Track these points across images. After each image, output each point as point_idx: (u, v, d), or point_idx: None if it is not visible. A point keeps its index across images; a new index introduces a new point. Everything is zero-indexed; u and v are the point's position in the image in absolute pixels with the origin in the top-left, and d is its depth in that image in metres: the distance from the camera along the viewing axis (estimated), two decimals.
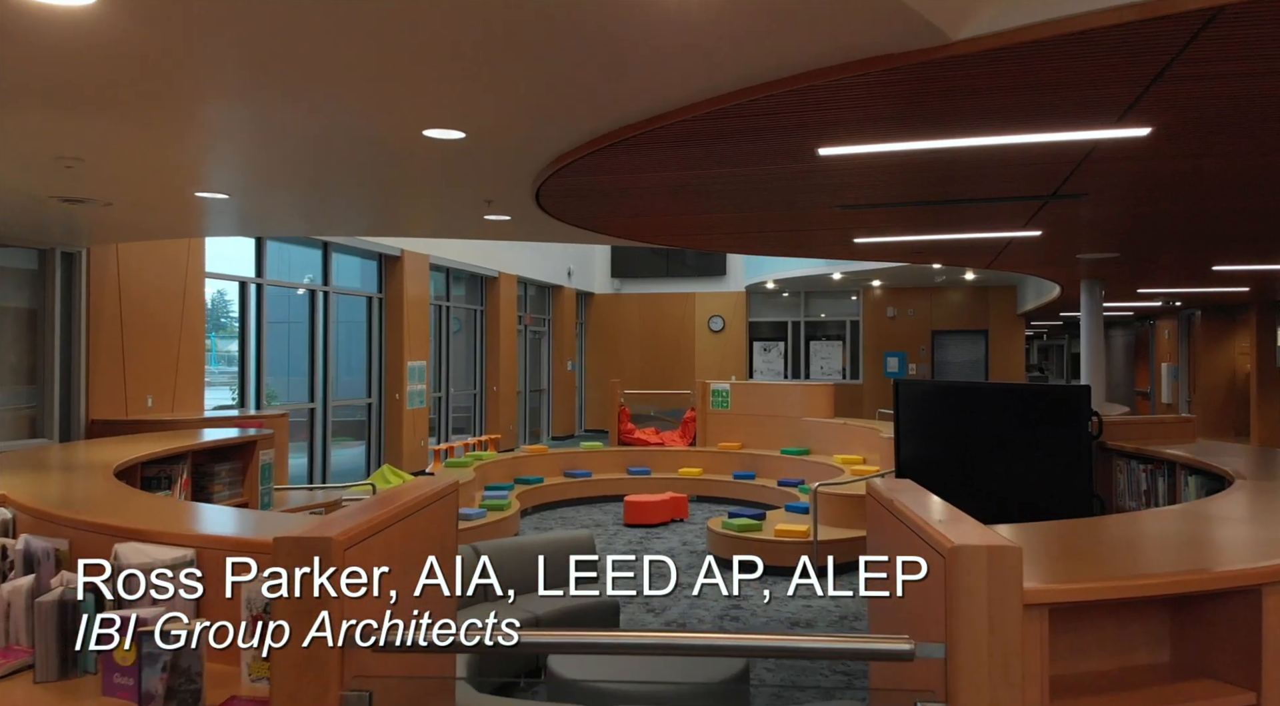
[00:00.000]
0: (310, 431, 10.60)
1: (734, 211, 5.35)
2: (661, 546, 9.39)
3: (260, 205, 5.54)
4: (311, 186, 4.91)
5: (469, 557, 5.98)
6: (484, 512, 9.23)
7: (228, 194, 5.04)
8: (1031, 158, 3.87)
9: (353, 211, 6.07)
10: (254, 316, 9.58)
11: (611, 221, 5.77)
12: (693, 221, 5.77)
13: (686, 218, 5.60)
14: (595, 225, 5.89)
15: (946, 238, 6.26)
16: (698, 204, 5.05)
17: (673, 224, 5.86)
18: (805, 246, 7.09)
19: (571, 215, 5.50)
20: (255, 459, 5.81)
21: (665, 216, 5.52)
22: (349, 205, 5.79)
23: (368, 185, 4.95)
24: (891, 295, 18.62)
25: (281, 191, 5.11)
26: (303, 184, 4.88)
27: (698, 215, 5.49)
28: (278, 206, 5.64)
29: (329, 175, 4.66)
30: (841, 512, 8.76)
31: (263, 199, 5.33)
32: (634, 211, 5.33)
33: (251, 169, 4.51)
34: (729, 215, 5.50)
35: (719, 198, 4.88)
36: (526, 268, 16.46)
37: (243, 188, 4.88)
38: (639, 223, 5.81)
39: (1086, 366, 9.74)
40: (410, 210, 5.93)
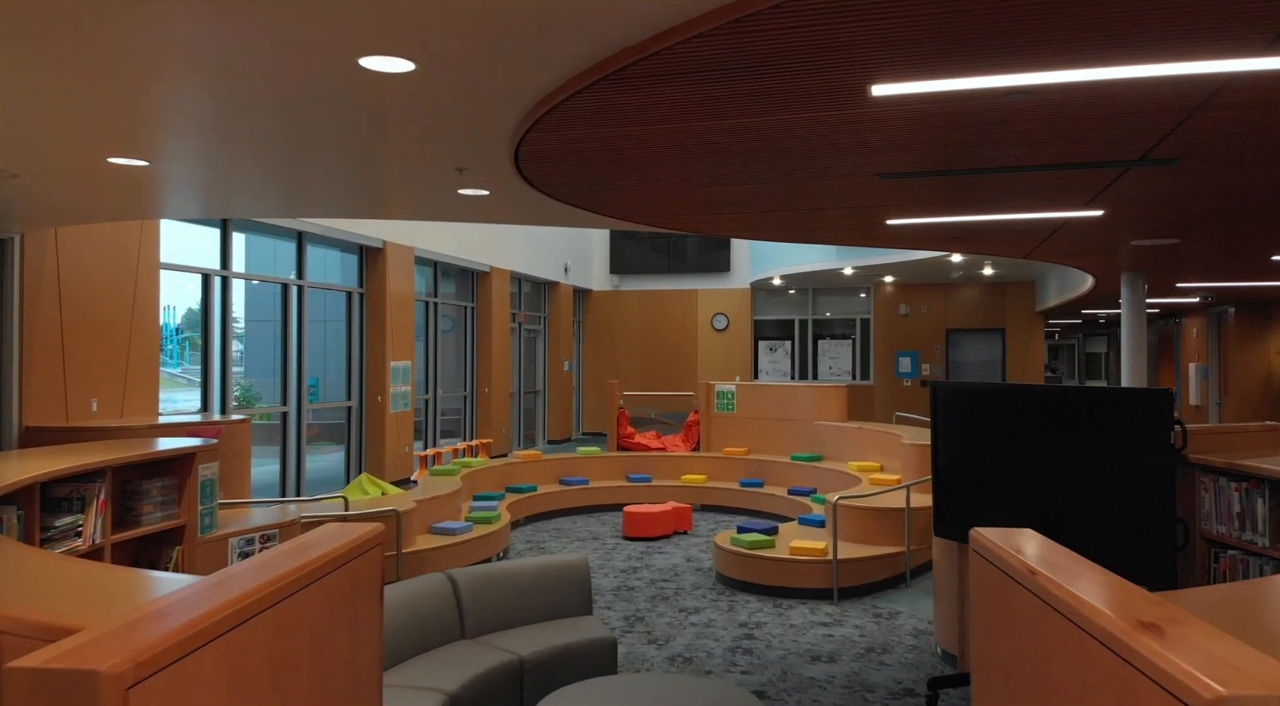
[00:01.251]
0: (283, 437, 9.79)
1: (749, 183, 4.53)
2: (663, 563, 8.59)
3: (190, 175, 4.73)
4: (245, 147, 4.09)
5: (442, 589, 5.16)
6: (470, 526, 8.43)
7: (146, 160, 4.23)
8: (1135, 101, 3.06)
9: (304, 187, 5.26)
10: (218, 312, 8.76)
11: (604, 196, 4.95)
12: (698, 197, 4.96)
13: (691, 192, 4.78)
14: (586, 200, 5.07)
15: (991, 219, 5.46)
16: (705, 172, 4.24)
17: (675, 200, 5.05)
18: (825, 230, 6.27)
19: (558, 186, 4.67)
20: (193, 474, 4.99)
21: (666, 189, 4.70)
22: (295, 178, 4.97)
23: (309, 148, 4.14)
24: (904, 292, 17.80)
25: (211, 157, 4.30)
26: (235, 146, 4.07)
27: (705, 188, 4.67)
28: (214, 178, 4.82)
29: (262, 132, 3.84)
30: (862, 527, 7.96)
31: (190, 167, 4.51)
32: (630, 182, 4.51)
33: (165, 124, 3.70)
34: (742, 188, 4.67)
35: (731, 164, 4.07)
36: (520, 263, 15.65)
37: (162, 151, 4.07)
38: (635, 198, 4.99)
39: (1128, 366, 8.94)
40: (369, 184, 5.11)
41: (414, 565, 7.66)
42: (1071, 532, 4.86)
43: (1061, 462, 4.90)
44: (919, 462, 9.00)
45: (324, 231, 10.09)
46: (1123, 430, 4.56)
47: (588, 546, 9.26)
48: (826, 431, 11.56)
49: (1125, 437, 4.55)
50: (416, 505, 8.09)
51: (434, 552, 7.85)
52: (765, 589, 7.49)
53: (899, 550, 7.77)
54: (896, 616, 6.97)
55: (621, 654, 6.03)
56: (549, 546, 9.28)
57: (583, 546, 9.27)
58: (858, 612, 7.04)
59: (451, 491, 8.90)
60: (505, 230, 14.99)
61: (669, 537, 9.72)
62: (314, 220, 9.90)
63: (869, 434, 10.89)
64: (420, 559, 7.72)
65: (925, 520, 8.12)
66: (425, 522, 8.38)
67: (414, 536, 7.91)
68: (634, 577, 8.03)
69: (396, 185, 5.08)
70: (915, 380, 17.71)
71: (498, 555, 8.59)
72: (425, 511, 8.38)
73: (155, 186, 5.03)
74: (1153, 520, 4.42)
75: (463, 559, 8.10)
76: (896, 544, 7.86)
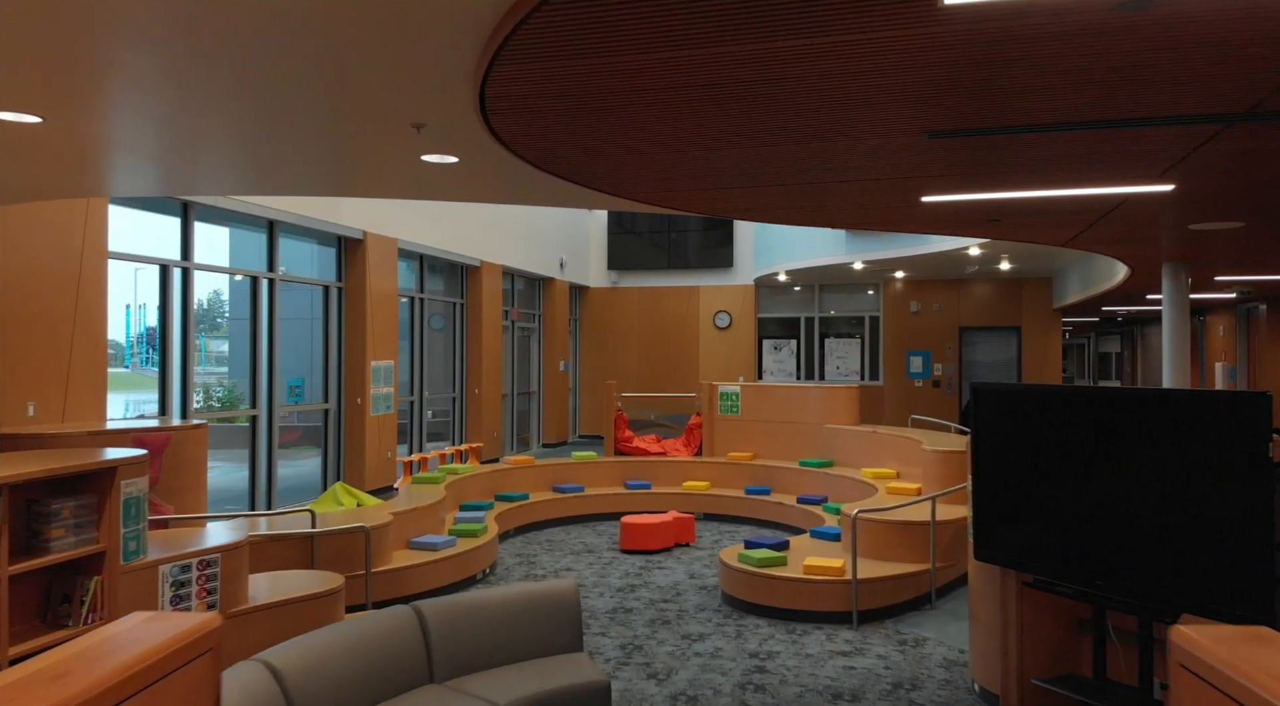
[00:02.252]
0: (251, 442, 9.06)
1: (756, 145, 3.80)
2: (664, 579, 7.86)
3: (90, 129, 3.98)
4: (154, 101, 3.37)
5: (407, 625, 4.43)
6: (453, 540, 7.71)
7: (40, 115, 3.51)
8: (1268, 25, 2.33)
9: (265, 158, 4.53)
10: (178, 306, 8.03)
11: (588, 162, 4.22)
12: (695, 166, 4.23)
13: (687, 158, 4.05)
14: (568, 167, 4.33)
15: (1043, 195, 4.73)
16: (703, 129, 3.51)
17: (669, 168, 4.31)
18: (845, 210, 5.52)
19: (534, 146, 3.93)
20: (115, 491, 4.26)
21: (658, 152, 3.97)
22: (248, 141, 4.24)
23: (263, 99, 3.41)
24: (914, 288, 17.06)
25: (116, 112, 3.57)
26: (141, 100, 3.35)
27: (704, 153, 3.94)
28: (123, 135, 4.08)
29: (160, 77, 3.11)
30: (882, 542, 7.24)
31: (90, 120, 3.77)
32: (616, 144, 3.78)
33: (49, 63, 2.97)
34: (749, 152, 3.94)
35: (735, 116, 3.34)
36: (513, 257, 14.92)
37: (55, 99, 3.35)
38: (623, 165, 4.25)
39: (1169, 366, 8.21)
40: (328, 149, 4.38)
41: (388, 585, 6.94)
42: (1140, 560, 4.14)
43: (1129, 477, 4.17)
44: (942, 471, 8.28)
45: (298, 220, 9.36)
46: (1207, 439, 3.84)
47: (581, 560, 8.54)
48: (837, 435, 10.84)
49: (1210, 448, 3.82)
50: (393, 518, 7.37)
51: (411, 571, 7.13)
52: (777, 612, 6.76)
53: (923, 568, 7.05)
54: (923, 643, 6.24)
55: (617, 691, 5.31)
56: (540, 560, 8.56)
57: (576, 560, 8.55)
58: (880, 639, 6.31)
59: (434, 502, 8.18)
60: (497, 222, 14.26)
61: (670, 550, 9.01)
62: (287, 209, 9.18)
63: (884, 438, 10.17)
64: (395, 578, 7.00)
65: (951, 535, 7.40)
66: (404, 536, 7.66)
67: (389, 553, 7.19)
68: (632, 597, 7.31)
69: (355, 151, 4.35)
70: (927, 381, 16.97)
71: (483, 572, 7.87)
72: (404, 524, 7.66)
73: (94, 156, 4.31)
74: (1243, 546, 3.69)
75: (443, 577, 7.38)
76: (920, 561, 7.14)
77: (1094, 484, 4.36)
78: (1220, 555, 3.80)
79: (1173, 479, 3.99)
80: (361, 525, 6.53)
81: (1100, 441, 4.31)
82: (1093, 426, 4.33)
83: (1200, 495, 3.88)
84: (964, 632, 6.42)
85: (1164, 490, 4.03)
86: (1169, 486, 4.01)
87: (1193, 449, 3.90)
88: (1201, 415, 3.86)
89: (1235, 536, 3.74)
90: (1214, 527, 3.82)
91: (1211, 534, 3.83)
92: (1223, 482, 3.79)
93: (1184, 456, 3.93)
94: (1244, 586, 3.70)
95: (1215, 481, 3.82)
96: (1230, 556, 3.76)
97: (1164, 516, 4.03)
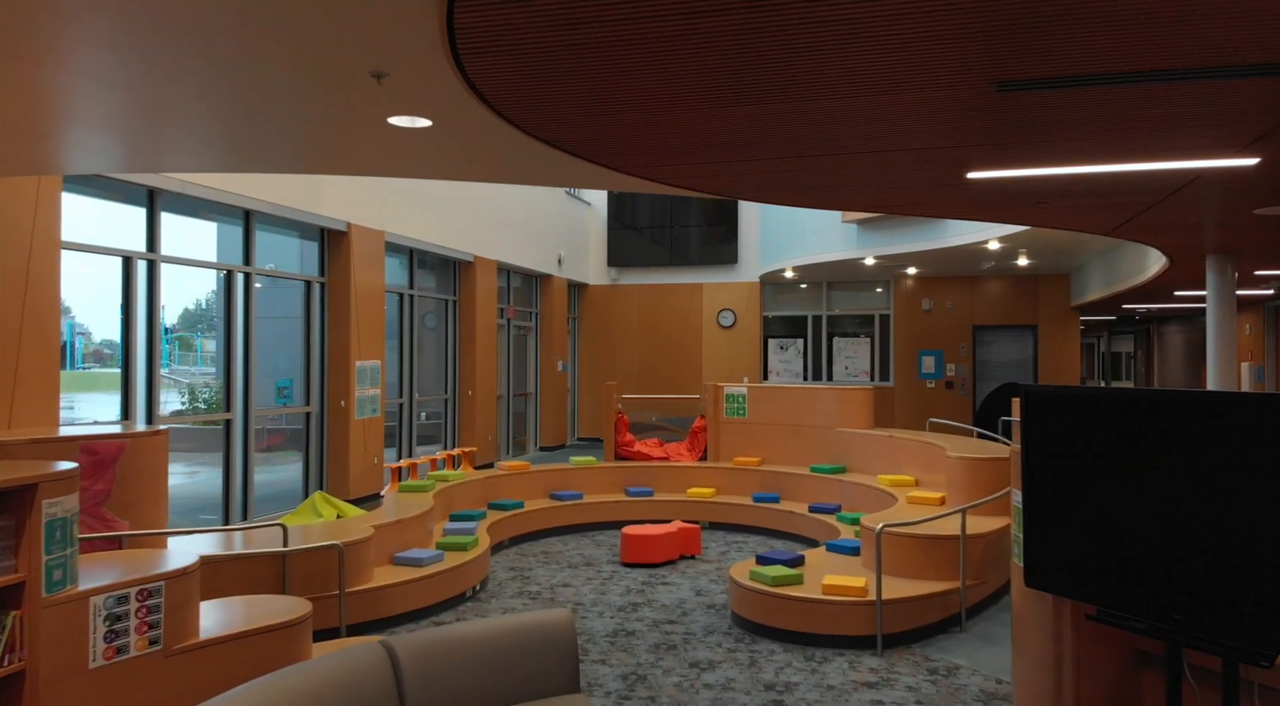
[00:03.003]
0: (226, 447, 8.46)
1: (771, 101, 3.19)
2: (669, 597, 7.26)
3: (73, 106, 3.39)
4: (107, 56, 2.78)
5: (377, 665, 3.82)
6: (440, 555, 7.12)
7: None
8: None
9: (238, 128, 3.93)
10: (143, 302, 7.43)
11: (578, 123, 3.61)
12: (702, 129, 3.63)
13: (694, 117, 3.45)
14: (556, 128, 3.72)
15: (1104, 171, 4.13)
16: (712, 77, 2.91)
17: (673, 132, 3.71)
18: (863, 190, 4.92)
19: (515, 100, 3.30)
20: (35, 513, 3.67)
21: (660, 108, 3.37)
22: (184, 100, 3.63)
23: (219, 49, 2.81)
24: (926, 285, 16.45)
25: (69, 73, 2.98)
26: (95, 59, 2.75)
27: (713, 110, 3.34)
28: (112, 108, 3.49)
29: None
30: (906, 558, 6.64)
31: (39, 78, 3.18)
32: (607, 95, 3.19)
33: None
34: (762, 111, 3.33)
35: (748, 65, 2.74)
36: (509, 252, 14.31)
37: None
38: (620, 126, 3.65)
39: (1215, 367, 7.62)
40: (275, 114, 3.78)
41: (368, 606, 6.34)
42: (1228, 591, 3.54)
43: (1214, 495, 3.57)
44: (968, 479, 7.68)
45: (277, 210, 8.76)
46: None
47: (579, 575, 7.94)
48: (851, 440, 10.25)
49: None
50: (374, 532, 6.77)
51: (394, 590, 6.53)
52: (793, 636, 6.17)
53: (951, 587, 6.45)
54: (956, 672, 5.65)
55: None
56: (535, 575, 7.96)
57: (574, 574, 7.96)
58: (908, 667, 5.71)
59: (421, 513, 7.58)
60: (491, 216, 13.66)
61: (674, 563, 8.41)
62: (265, 197, 8.57)
63: (901, 443, 9.57)
64: (376, 598, 6.40)
65: (981, 550, 6.80)
66: (387, 551, 7.06)
67: (369, 570, 6.59)
68: (634, 617, 6.71)
69: (315, 112, 3.74)
70: (939, 381, 16.37)
71: (473, 589, 7.27)
72: (387, 538, 7.06)
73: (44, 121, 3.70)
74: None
75: (429, 596, 6.78)
76: (948, 578, 6.54)
77: (1170, 502, 3.76)
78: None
79: (1272, 496, 3.39)
80: (335, 543, 5.92)
81: (1178, 453, 3.71)
82: (1169, 435, 3.73)
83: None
84: (999, 659, 5.83)
85: (1260, 509, 3.43)
86: (1266, 504, 3.41)
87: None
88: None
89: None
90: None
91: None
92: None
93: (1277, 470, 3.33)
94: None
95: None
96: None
97: (1259, 539, 3.43)
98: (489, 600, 7.18)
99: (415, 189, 11.34)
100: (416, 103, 3.50)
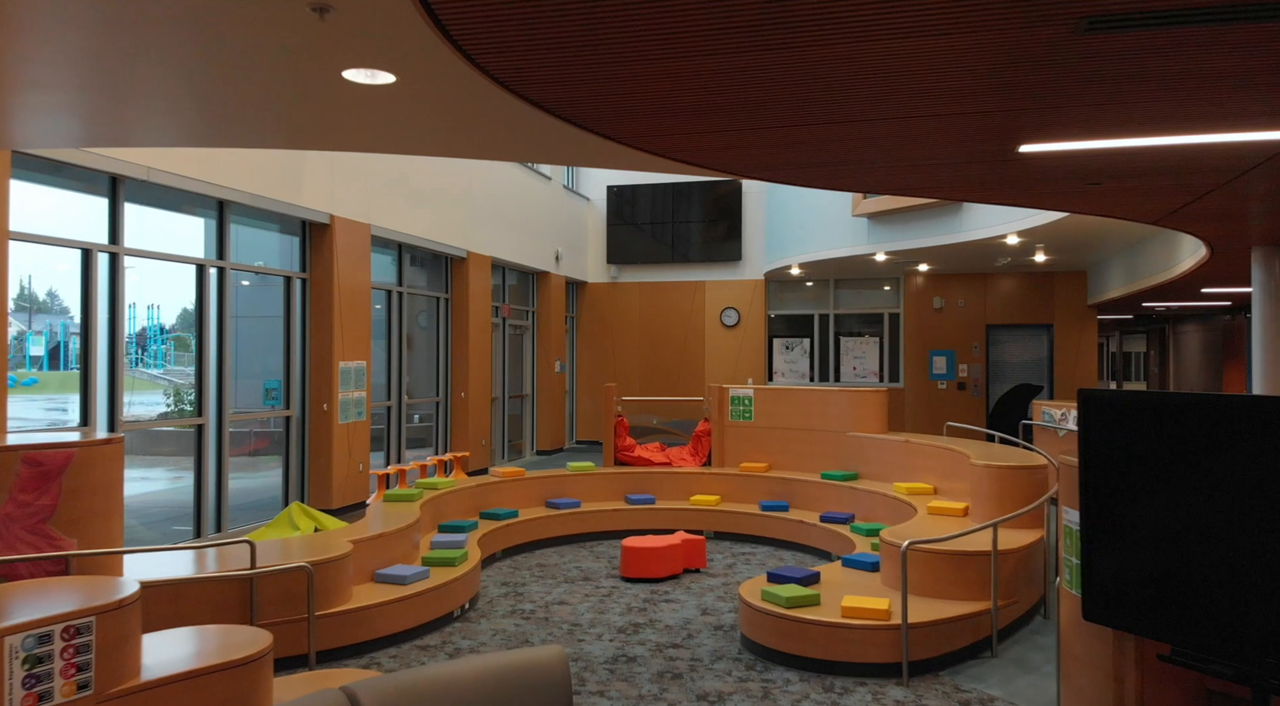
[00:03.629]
0: (197, 454, 7.90)
1: (796, 45, 2.64)
2: (673, 617, 6.72)
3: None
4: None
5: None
6: (426, 572, 6.57)
7: None
8: None
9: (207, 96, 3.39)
10: (105, 299, 6.88)
11: (564, 73, 3.06)
12: (706, 86, 3.08)
13: (699, 69, 2.90)
14: (540, 84, 3.17)
15: (1181, 142, 3.58)
16: (715, 19, 2.36)
17: (674, 89, 3.16)
18: (894, 167, 4.37)
19: (491, 38, 2.74)
20: None
21: (659, 54, 2.82)
22: None
23: None
24: (937, 283, 15.89)
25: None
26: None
27: (724, 58, 2.79)
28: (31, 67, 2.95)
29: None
30: (930, 576, 6.09)
31: None
32: (601, 40, 2.64)
33: None
34: (779, 56, 2.78)
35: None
36: (504, 248, 13.76)
37: None
38: (612, 79, 3.10)
39: (1260, 368, 7.07)
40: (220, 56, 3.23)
41: (345, 629, 5.79)
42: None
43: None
44: (995, 489, 7.13)
45: (253, 201, 8.20)
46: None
47: (577, 591, 7.40)
48: (864, 445, 9.71)
49: None
50: (353, 547, 6.23)
51: (374, 611, 5.98)
52: (809, 663, 5.62)
53: (982, 608, 5.90)
54: (991, 704, 5.10)
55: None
56: (529, 591, 7.42)
57: (571, 590, 7.41)
58: (937, 699, 5.17)
59: (405, 525, 7.03)
60: (485, 210, 13.11)
61: (678, 578, 7.86)
62: (241, 187, 8.01)
63: (918, 448, 9.02)
64: (355, 620, 5.86)
65: (1012, 567, 6.26)
66: (369, 567, 6.51)
67: (347, 589, 6.04)
68: (635, 640, 6.16)
69: (259, 64, 3.19)
70: (951, 382, 15.82)
71: (461, 608, 6.72)
72: (369, 553, 6.51)
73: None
74: None
75: (413, 617, 6.23)
76: (977, 598, 5.99)
77: (1258, 524, 3.21)
78: None
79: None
80: (303, 565, 5.36)
81: (1269, 468, 3.16)
82: (1260, 448, 3.18)
83: None
84: (1037, 689, 5.29)
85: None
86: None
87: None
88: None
89: None
90: None
91: None
92: None
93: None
94: None
95: None
96: None
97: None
98: (478, 620, 6.63)
99: (403, 180, 10.79)
100: (373, 51, 2.95)
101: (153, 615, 5.20)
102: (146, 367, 10.23)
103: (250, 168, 8.08)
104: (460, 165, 12.23)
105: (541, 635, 6.24)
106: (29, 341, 9.26)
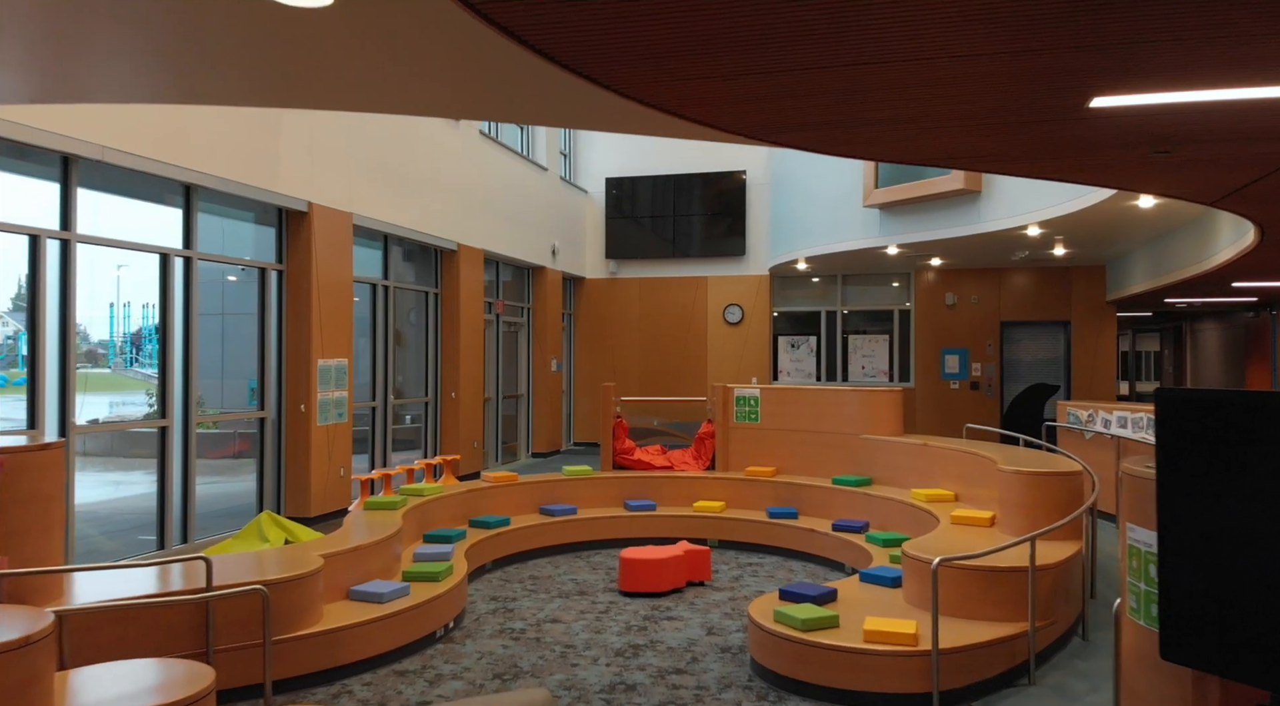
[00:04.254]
0: (161, 458, 7.33)
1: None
2: (675, 637, 6.15)
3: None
4: None
5: None
6: (406, 588, 6.01)
7: None
8: None
9: None
10: (54, 289, 6.31)
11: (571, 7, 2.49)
12: (700, 16, 2.52)
13: None
14: (522, 10, 2.59)
15: (1257, 95, 3.01)
16: None
17: (676, 33, 2.60)
18: (937, 126, 3.79)
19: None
20: None
21: None
22: None
23: None
24: (949, 278, 15.31)
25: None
26: None
27: None
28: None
29: None
30: (959, 594, 5.51)
31: None
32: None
33: None
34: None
35: None
36: (498, 242, 13.19)
37: None
38: (605, 16, 2.53)
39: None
40: None
41: (315, 653, 5.22)
42: None
43: None
44: (1027, 498, 6.55)
45: (222, 185, 7.63)
46: None
47: (572, 607, 6.82)
48: (878, 448, 9.14)
49: None
50: (324, 561, 5.65)
51: (348, 633, 5.41)
52: (828, 692, 5.05)
53: (1018, 630, 5.32)
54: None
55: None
56: (520, 607, 6.84)
57: (565, 606, 6.84)
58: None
59: (385, 537, 6.46)
60: (478, 201, 12.53)
61: (681, 592, 7.30)
62: (209, 171, 7.44)
63: (936, 452, 8.46)
64: (326, 643, 5.28)
65: (1050, 583, 5.68)
66: (344, 583, 5.94)
67: (318, 608, 5.47)
68: (634, 665, 5.58)
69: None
70: (964, 382, 15.24)
71: (445, 627, 6.14)
72: (343, 567, 5.94)
73: None
74: None
75: (391, 638, 5.66)
76: (1012, 619, 5.41)
77: None
78: None
79: None
80: (259, 587, 4.78)
81: None
82: None
83: None
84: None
85: None
86: None
87: None
88: None
89: None
90: None
91: None
92: None
93: None
94: None
95: None
96: None
97: None
98: (464, 641, 6.06)
99: (389, 166, 10.22)
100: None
101: (94, 644, 4.63)
102: (141, 367, 9.76)
103: (220, 151, 7.52)
104: (450, 152, 11.65)
105: (532, 659, 5.67)
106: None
